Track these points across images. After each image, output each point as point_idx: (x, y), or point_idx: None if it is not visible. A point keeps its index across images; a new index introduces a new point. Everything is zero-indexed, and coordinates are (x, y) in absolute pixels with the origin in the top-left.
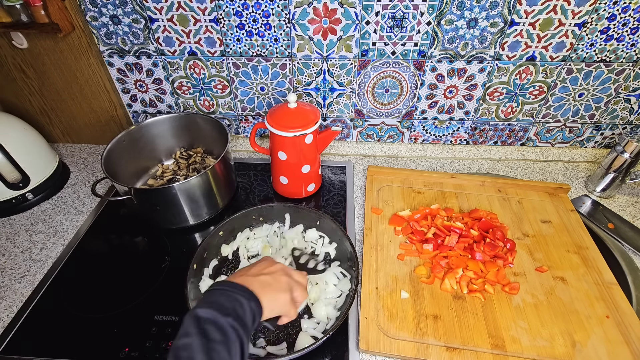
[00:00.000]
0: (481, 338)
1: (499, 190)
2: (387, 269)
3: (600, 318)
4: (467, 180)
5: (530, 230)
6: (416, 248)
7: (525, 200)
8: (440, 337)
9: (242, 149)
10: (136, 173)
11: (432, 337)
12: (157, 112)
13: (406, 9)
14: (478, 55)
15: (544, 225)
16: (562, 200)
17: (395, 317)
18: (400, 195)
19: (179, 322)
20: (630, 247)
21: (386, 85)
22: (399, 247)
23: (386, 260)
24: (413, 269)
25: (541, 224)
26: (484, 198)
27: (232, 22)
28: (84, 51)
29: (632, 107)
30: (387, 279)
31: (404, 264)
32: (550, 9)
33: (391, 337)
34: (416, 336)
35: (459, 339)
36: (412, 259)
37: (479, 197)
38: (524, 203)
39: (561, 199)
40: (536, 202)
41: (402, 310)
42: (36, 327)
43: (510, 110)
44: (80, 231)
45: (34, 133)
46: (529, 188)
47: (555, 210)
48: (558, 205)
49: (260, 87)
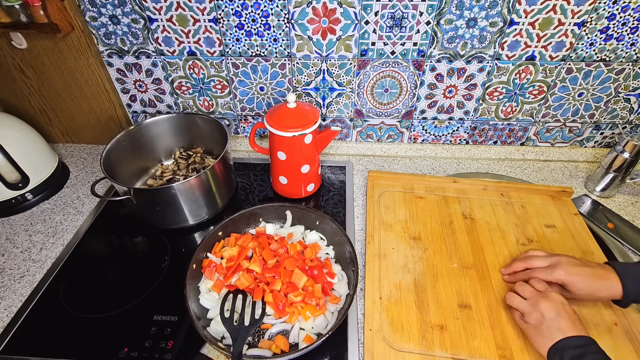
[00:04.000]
0: (489, 349)
1: (501, 194)
2: (390, 277)
3: (608, 326)
4: (469, 185)
5: (534, 235)
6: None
7: (528, 204)
8: (447, 348)
9: (242, 149)
10: (136, 173)
11: (438, 349)
12: (157, 112)
13: (405, 9)
14: (477, 55)
15: (548, 229)
16: (566, 204)
17: (401, 329)
18: (402, 201)
19: (178, 322)
20: (630, 247)
21: (385, 85)
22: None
23: (389, 269)
24: (418, 276)
25: (545, 229)
26: (487, 202)
27: (231, 22)
28: (84, 51)
29: (632, 106)
30: (391, 288)
31: (408, 271)
32: (550, 9)
33: (397, 349)
34: (422, 348)
35: (466, 350)
36: (415, 266)
37: (481, 201)
38: (527, 207)
39: (565, 202)
40: (540, 206)
41: (407, 320)
42: (36, 327)
43: (509, 109)
44: (80, 231)
45: (34, 133)
46: (532, 192)
47: (559, 215)
48: (562, 209)
49: (260, 87)
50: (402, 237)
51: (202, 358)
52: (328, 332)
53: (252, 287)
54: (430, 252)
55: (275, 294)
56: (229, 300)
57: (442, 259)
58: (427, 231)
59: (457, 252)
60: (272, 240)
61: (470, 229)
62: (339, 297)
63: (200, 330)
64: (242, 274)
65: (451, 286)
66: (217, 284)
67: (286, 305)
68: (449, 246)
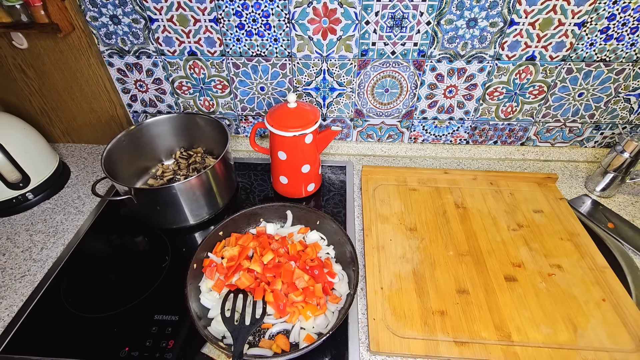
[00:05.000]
0: (488, 330)
1: (490, 183)
2: (390, 268)
3: (597, 302)
4: (459, 175)
5: (524, 220)
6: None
7: (516, 191)
8: (449, 332)
9: (242, 148)
10: (136, 173)
11: (440, 334)
12: (157, 112)
13: (406, 9)
14: (478, 55)
15: (537, 214)
16: (551, 190)
17: (403, 316)
18: (397, 194)
19: (179, 321)
20: (630, 246)
21: (386, 85)
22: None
23: (389, 260)
24: (416, 265)
25: (534, 214)
26: (477, 192)
27: (231, 22)
28: (84, 51)
29: (632, 106)
30: (392, 278)
31: (406, 261)
32: (550, 9)
33: (401, 336)
34: (425, 333)
35: (467, 333)
36: (413, 256)
37: (472, 190)
38: (515, 194)
39: (550, 188)
40: (527, 193)
41: (409, 308)
42: (36, 326)
43: (510, 110)
44: (81, 231)
45: (34, 133)
46: (519, 179)
47: (545, 200)
48: (548, 195)
49: (260, 87)
50: (398, 229)
51: (203, 357)
52: (329, 332)
53: (252, 286)
54: (426, 241)
55: (277, 294)
56: (230, 300)
57: (438, 248)
58: (423, 222)
59: (452, 240)
60: (272, 240)
61: (463, 218)
62: (339, 296)
63: (201, 330)
64: (242, 274)
65: (449, 273)
66: (217, 284)
67: (287, 305)
68: (444, 235)
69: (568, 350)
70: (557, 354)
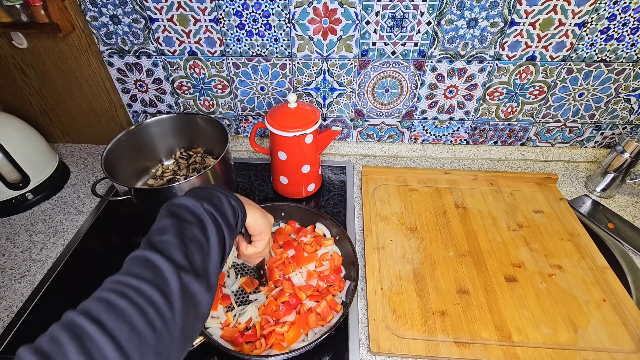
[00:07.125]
0: (488, 331)
1: (490, 183)
2: (390, 268)
3: (597, 302)
4: (460, 175)
5: (524, 221)
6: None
7: (517, 192)
8: (449, 333)
9: (242, 149)
10: (136, 173)
11: (441, 334)
12: (157, 112)
13: (406, 9)
14: (478, 55)
15: (537, 215)
16: (552, 190)
17: (403, 317)
18: (397, 194)
19: None
20: (630, 247)
21: (386, 85)
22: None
23: (389, 260)
24: (416, 266)
25: (534, 214)
26: (478, 192)
27: (232, 22)
28: (84, 51)
29: (632, 107)
30: (392, 279)
31: (406, 261)
32: (550, 9)
33: (401, 337)
34: (425, 334)
35: (467, 334)
36: (414, 256)
37: (472, 191)
38: (515, 195)
39: (550, 188)
40: (527, 193)
41: (409, 309)
42: (36, 327)
43: (510, 110)
44: (80, 231)
45: (34, 133)
46: (519, 180)
47: (545, 200)
48: (548, 195)
49: (260, 87)
50: (398, 229)
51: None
52: (329, 331)
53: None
54: (426, 241)
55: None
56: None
57: (438, 248)
58: (423, 222)
59: (453, 240)
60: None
61: (463, 218)
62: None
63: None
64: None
65: (449, 273)
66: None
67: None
68: (444, 235)
69: (568, 351)
70: (558, 354)
